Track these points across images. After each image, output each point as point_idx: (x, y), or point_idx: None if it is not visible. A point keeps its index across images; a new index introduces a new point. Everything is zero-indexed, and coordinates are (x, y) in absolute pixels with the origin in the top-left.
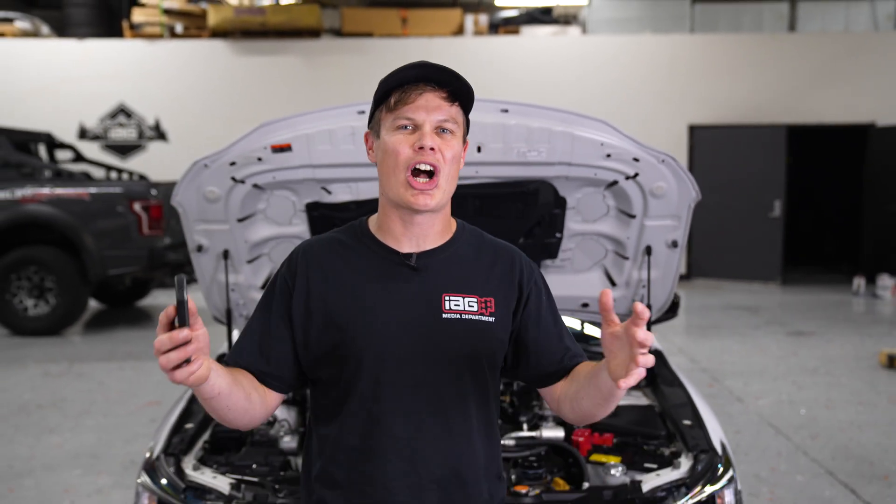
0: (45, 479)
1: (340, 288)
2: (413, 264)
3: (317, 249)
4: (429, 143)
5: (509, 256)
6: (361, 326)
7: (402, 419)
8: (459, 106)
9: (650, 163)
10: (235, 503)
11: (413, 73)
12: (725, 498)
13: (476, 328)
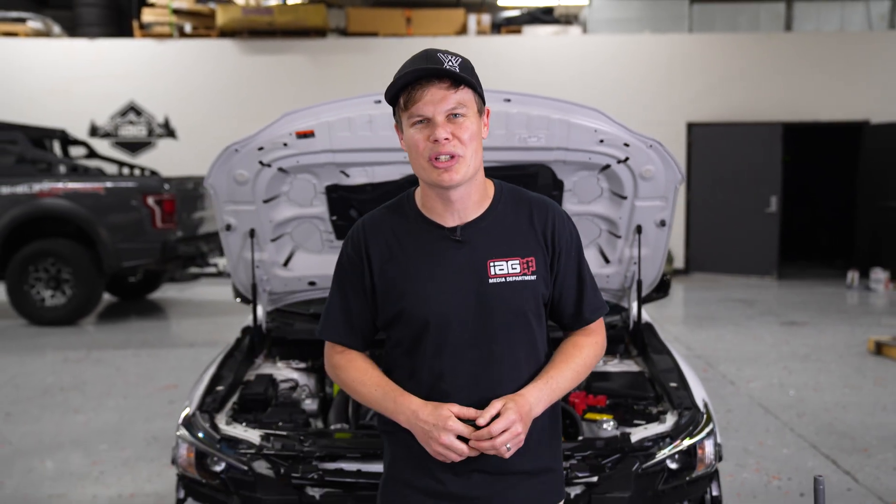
0: (73, 453)
1: (397, 263)
2: (458, 237)
3: (373, 229)
4: (442, 136)
5: (544, 211)
6: (419, 296)
7: (461, 373)
8: (466, 87)
9: (639, 147)
10: (265, 451)
11: (412, 76)
12: (706, 448)
13: (520, 288)
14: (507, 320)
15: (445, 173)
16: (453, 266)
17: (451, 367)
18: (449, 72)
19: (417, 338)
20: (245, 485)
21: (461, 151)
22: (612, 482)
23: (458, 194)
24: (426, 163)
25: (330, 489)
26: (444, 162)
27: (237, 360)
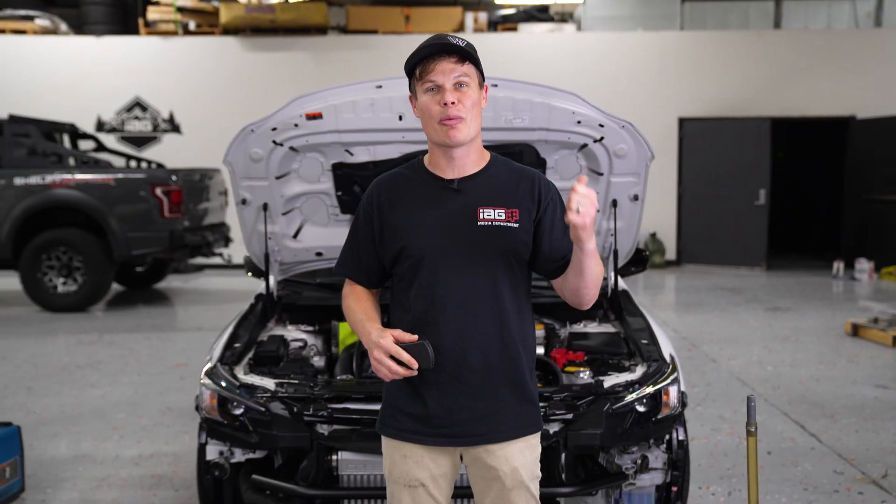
0: (93, 421)
1: (402, 208)
2: (455, 187)
3: (385, 184)
4: (450, 99)
5: (531, 178)
6: (419, 234)
7: (453, 299)
8: (469, 63)
9: (613, 128)
10: (280, 395)
11: (428, 50)
12: (670, 394)
13: (503, 232)
14: (491, 257)
15: (451, 131)
16: (449, 210)
17: (441, 297)
18: (457, 48)
19: (415, 270)
20: (262, 424)
21: (464, 114)
22: (585, 420)
23: (460, 152)
24: (437, 124)
25: (337, 426)
26: (450, 123)
27: (252, 322)
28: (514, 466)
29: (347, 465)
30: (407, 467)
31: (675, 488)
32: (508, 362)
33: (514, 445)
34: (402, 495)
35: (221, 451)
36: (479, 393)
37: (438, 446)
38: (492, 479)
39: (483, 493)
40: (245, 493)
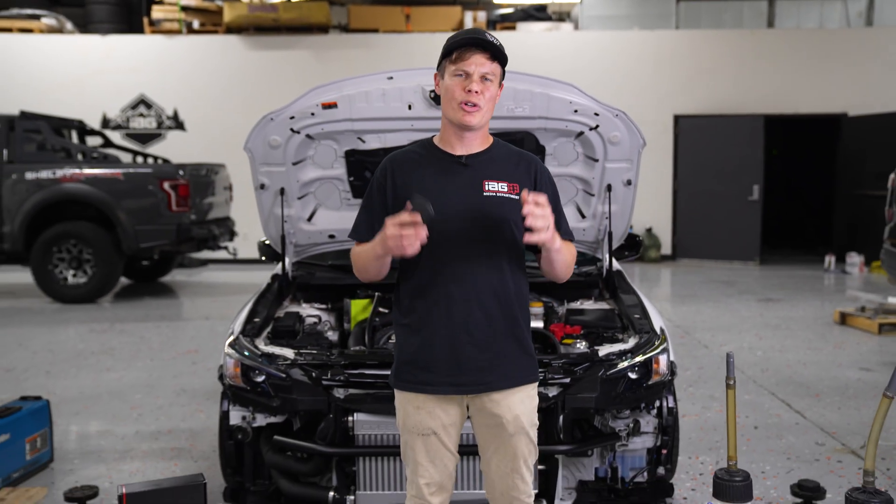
0: (112, 400)
1: (415, 181)
2: (464, 162)
3: (398, 159)
4: (475, 88)
5: (528, 160)
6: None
7: (459, 261)
8: (498, 63)
9: (607, 117)
10: (300, 362)
11: (468, 40)
12: (660, 362)
13: (506, 202)
14: (494, 224)
15: (468, 115)
16: (457, 182)
17: (449, 259)
18: (494, 46)
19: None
20: (283, 389)
21: (482, 104)
22: (581, 385)
23: (470, 134)
24: (457, 105)
25: (353, 390)
26: (469, 108)
27: (269, 300)
28: (516, 414)
29: (363, 426)
30: (420, 417)
31: (664, 451)
32: (509, 317)
33: (516, 395)
34: (415, 443)
35: (244, 416)
36: (484, 345)
37: (448, 395)
38: (495, 426)
39: (487, 440)
40: (266, 454)
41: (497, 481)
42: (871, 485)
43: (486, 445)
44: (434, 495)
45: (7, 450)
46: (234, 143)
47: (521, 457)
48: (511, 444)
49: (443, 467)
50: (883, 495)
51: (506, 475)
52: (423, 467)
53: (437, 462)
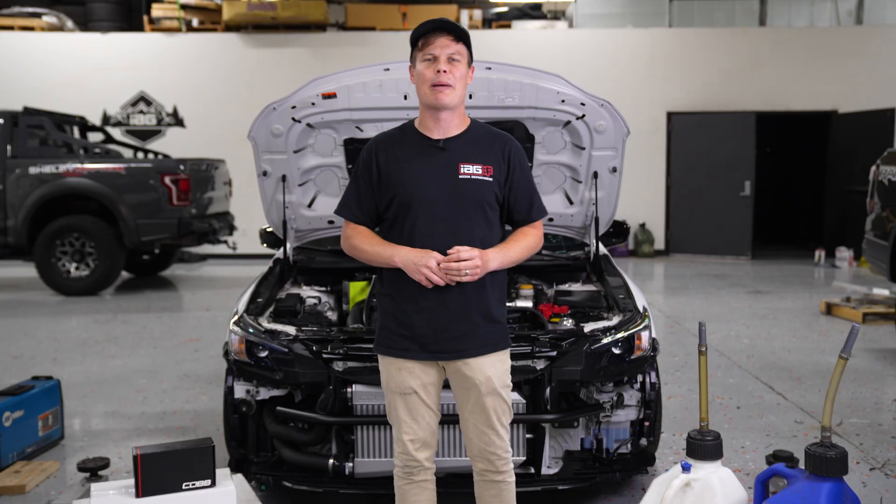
0: (117, 384)
1: (396, 162)
2: (440, 146)
3: (381, 141)
4: (443, 68)
5: (503, 140)
6: (408, 184)
7: (436, 239)
8: (462, 44)
9: (593, 106)
10: (301, 337)
11: (431, 26)
12: (642, 338)
13: (479, 184)
14: (468, 205)
15: (440, 94)
16: (435, 165)
17: (427, 236)
18: (455, 28)
19: (405, 214)
20: (285, 363)
21: (452, 83)
22: (567, 358)
23: (446, 115)
24: (428, 88)
25: (351, 363)
26: (439, 89)
27: (271, 282)
28: (488, 376)
29: (361, 396)
30: (401, 378)
31: (647, 424)
32: (480, 291)
33: (487, 359)
34: (399, 402)
35: (248, 390)
36: (459, 316)
37: (426, 360)
38: (469, 388)
39: (463, 401)
40: (269, 425)
41: (474, 439)
42: (828, 439)
43: (462, 406)
44: (419, 451)
45: (21, 425)
46: (232, 140)
47: (495, 415)
48: (485, 404)
49: (425, 424)
50: (838, 449)
51: (482, 433)
52: (406, 424)
53: (419, 419)
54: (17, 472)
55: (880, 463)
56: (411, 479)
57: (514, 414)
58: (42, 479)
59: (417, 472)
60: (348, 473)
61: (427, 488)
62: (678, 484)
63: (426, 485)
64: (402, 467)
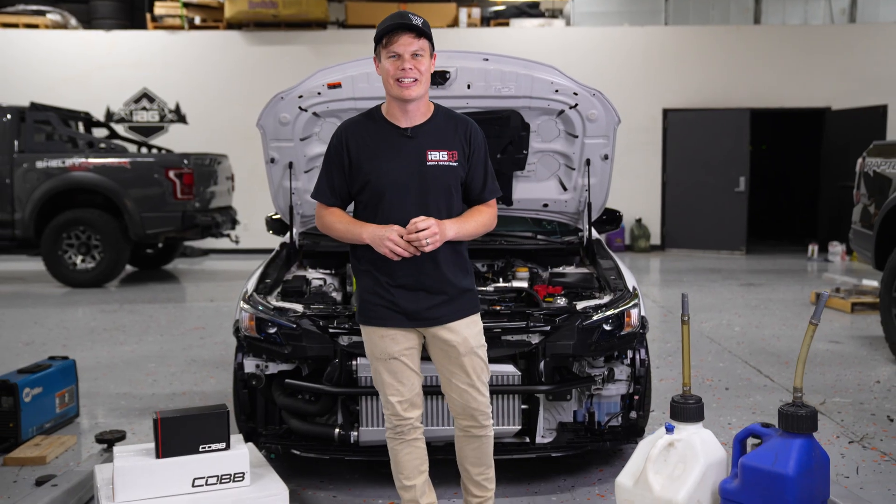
0: (127, 368)
1: (367, 150)
2: (408, 134)
3: (351, 128)
4: (407, 66)
5: (464, 125)
6: (380, 171)
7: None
8: (424, 38)
9: (585, 96)
10: (309, 314)
11: (392, 25)
12: (632, 316)
13: (446, 169)
14: (436, 189)
15: (406, 90)
16: (404, 153)
17: (399, 219)
18: (416, 27)
19: (378, 199)
20: (294, 338)
21: (417, 77)
22: (560, 333)
23: (412, 106)
24: (394, 82)
25: (356, 337)
26: (406, 83)
27: (278, 264)
28: (465, 337)
29: (365, 369)
30: (384, 345)
31: (636, 398)
32: (452, 262)
33: (462, 322)
34: (382, 368)
35: (257, 365)
36: (433, 287)
37: (407, 328)
38: (448, 349)
39: (443, 363)
40: (278, 398)
41: (456, 398)
42: (799, 399)
43: (442, 368)
44: (407, 410)
45: (40, 402)
46: (234, 136)
47: (475, 373)
48: (463, 363)
49: (410, 385)
50: (809, 408)
51: (463, 391)
52: (392, 387)
53: (404, 381)
54: (38, 444)
55: (859, 437)
56: (402, 439)
57: (509, 386)
58: (61, 451)
59: (408, 431)
60: (353, 442)
61: (418, 447)
62: (662, 444)
63: (417, 443)
64: (392, 429)
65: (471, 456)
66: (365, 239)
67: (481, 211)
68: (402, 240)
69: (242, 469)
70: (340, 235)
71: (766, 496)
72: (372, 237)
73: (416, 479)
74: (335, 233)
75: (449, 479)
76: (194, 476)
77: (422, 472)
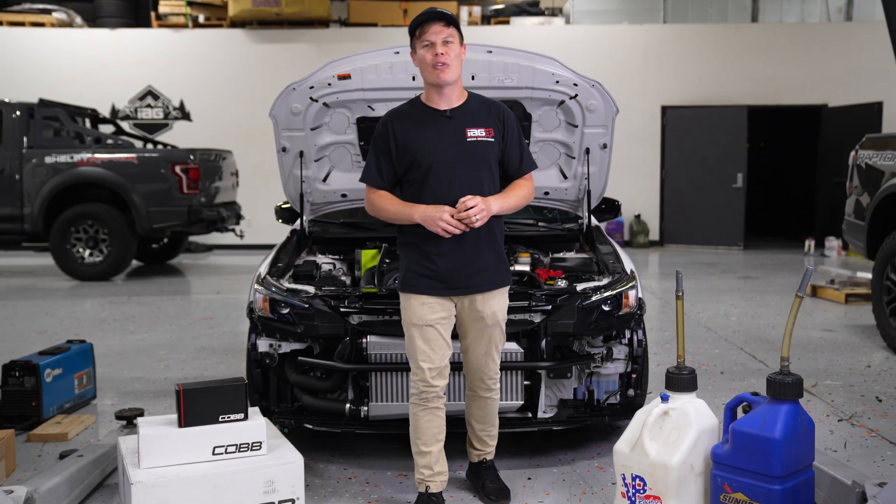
0: (139, 355)
1: (412, 132)
2: (448, 115)
3: (395, 115)
4: (439, 51)
5: (497, 108)
6: (425, 150)
7: (452, 193)
8: (453, 27)
9: (585, 87)
10: (321, 292)
11: (424, 17)
12: (630, 297)
13: (484, 144)
14: (476, 163)
15: (441, 73)
16: (445, 132)
17: (443, 191)
18: (446, 16)
19: (424, 175)
20: (306, 317)
21: (450, 62)
22: (561, 312)
23: (448, 90)
24: (430, 68)
25: (365, 317)
26: (441, 68)
27: (289, 250)
28: (494, 310)
29: (374, 346)
30: (422, 312)
31: (634, 376)
32: (490, 235)
33: (494, 296)
34: (416, 334)
35: (271, 344)
36: (472, 258)
37: (444, 296)
38: (477, 319)
39: (469, 330)
40: (291, 375)
41: (474, 362)
42: (786, 368)
43: (466, 334)
44: (435, 378)
45: (60, 382)
46: (238, 133)
47: (494, 343)
48: (487, 333)
49: (441, 355)
50: (794, 376)
51: (480, 357)
52: (424, 353)
53: (436, 349)
54: (58, 423)
55: (847, 415)
56: (426, 406)
57: (513, 362)
58: (81, 429)
59: (432, 399)
60: (363, 416)
61: (438, 416)
62: (658, 412)
63: (438, 412)
64: (417, 394)
65: (477, 414)
66: (416, 219)
67: (521, 185)
68: (453, 219)
69: (260, 438)
70: (390, 216)
71: (755, 458)
72: (423, 217)
73: (432, 446)
74: (385, 214)
75: (455, 454)
76: (214, 444)
77: (439, 440)
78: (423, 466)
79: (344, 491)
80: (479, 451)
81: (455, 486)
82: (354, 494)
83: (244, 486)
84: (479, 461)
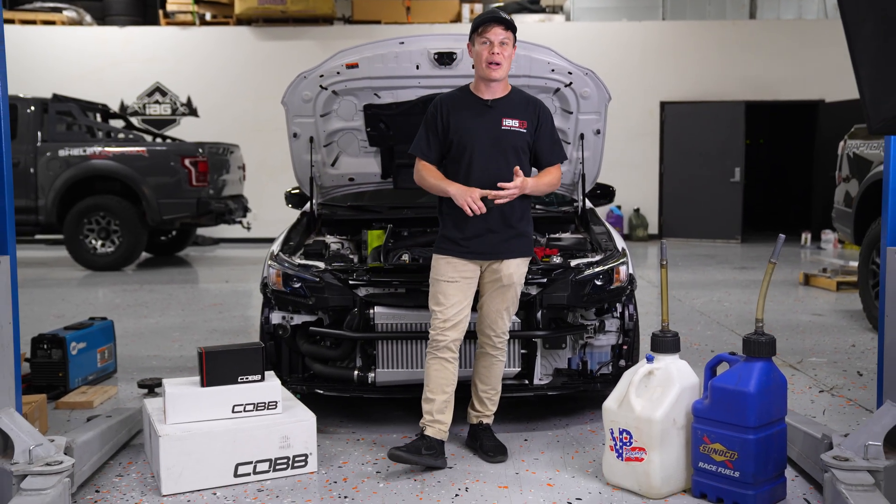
0: (154, 336)
1: (457, 115)
2: (489, 104)
3: (446, 99)
4: (496, 50)
5: (535, 103)
6: (466, 133)
7: (486, 173)
8: (511, 31)
9: (579, 75)
10: (331, 267)
11: (489, 17)
12: (621, 272)
13: (517, 134)
14: (508, 149)
15: (493, 71)
16: (485, 119)
17: (478, 172)
18: (506, 21)
19: (461, 153)
20: (317, 290)
21: (502, 62)
22: (556, 286)
23: (494, 84)
24: (485, 64)
25: (372, 290)
26: (493, 67)
27: (300, 230)
28: (510, 273)
29: (381, 317)
30: (446, 270)
31: (625, 348)
32: (517, 212)
33: (514, 262)
34: (441, 288)
35: (283, 317)
36: (500, 230)
37: (469, 259)
38: (496, 280)
39: (487, 289)
40: (302, 346)
41: (486, 318)
42: (760, 329)
43: (484, 292)
44: (449, 330)
45: (84, 356)
46: (244, 129)
47: (507, 302)
48: (503, 293)
49: (455, 308)
50: (768, 336)
51: (493, 312)
52: (444, 305)
53: (452, 301)
54: (84, 392)
55: (829, 387)
56: (435, 355)
57: (511, 331)
58: (106, 398)
59: (442, 349)
60: (370, 382)
61: (447, 367)
62: (643, 371)
63: (447, 364)
64: (431, 342)
65: (482, 373)
66: (451, 193)
67: (549, 172)
68: (479, 201)
69: (276, 398)
70: (430, 186)
71: (731, 411)
72: (455, 194)
73: (438, 395)
74: (426, 184)
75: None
76: (234, 403)
77: (445, 391)
78: (426, 411)
79: (353, 450)
80: (479, 413)
81: (456, 444)
82: (363, 453)
83: (261, 440)
84: (476, 423)
